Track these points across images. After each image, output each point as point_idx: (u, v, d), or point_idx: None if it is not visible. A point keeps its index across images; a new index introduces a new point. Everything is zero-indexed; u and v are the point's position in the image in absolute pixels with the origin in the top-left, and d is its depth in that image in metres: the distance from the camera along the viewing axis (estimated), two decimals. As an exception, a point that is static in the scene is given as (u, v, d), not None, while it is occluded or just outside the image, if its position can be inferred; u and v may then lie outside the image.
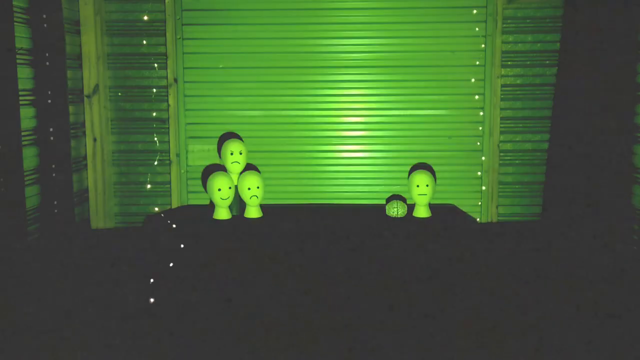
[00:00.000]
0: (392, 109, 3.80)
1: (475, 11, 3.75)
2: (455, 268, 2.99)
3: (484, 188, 3.85)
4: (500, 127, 3.80)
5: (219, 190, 3.15)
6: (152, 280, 3.06)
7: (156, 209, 3.85)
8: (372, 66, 3.77)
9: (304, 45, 3.78)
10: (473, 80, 3.80)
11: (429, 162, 3.82)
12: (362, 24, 3.75)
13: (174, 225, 3.25)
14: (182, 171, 3.88)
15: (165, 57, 3.75)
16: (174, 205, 3.86)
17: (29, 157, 3.19)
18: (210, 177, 3.27)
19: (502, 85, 3.77)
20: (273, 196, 3.87)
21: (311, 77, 3.81)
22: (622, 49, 2.80)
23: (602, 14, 2.88)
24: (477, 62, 3.79)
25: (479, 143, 3.83)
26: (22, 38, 3.11)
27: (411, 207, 3.43)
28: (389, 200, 3.55)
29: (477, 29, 3.76)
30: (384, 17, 3.73)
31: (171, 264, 3.07)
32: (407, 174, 3.82)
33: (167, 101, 3.79)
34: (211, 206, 3.43)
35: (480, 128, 3.82)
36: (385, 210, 3.36)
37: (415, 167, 3.79)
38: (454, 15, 3.75)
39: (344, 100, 3.80)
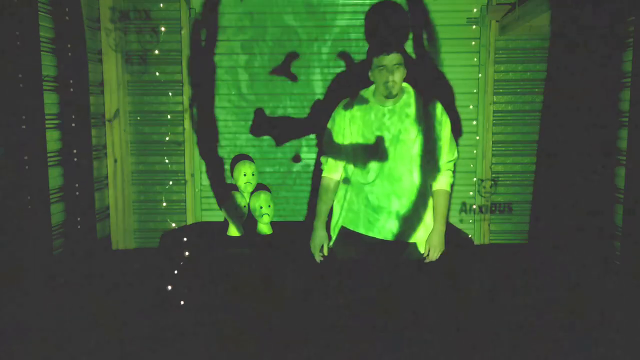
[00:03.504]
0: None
1: (473, 43, 3.93)
2: (448, 285, 3.08)
3: (474, 207, 4.05)
4: (492, 150, 3.99)
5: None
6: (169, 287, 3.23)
7: (173, 225, 3.99)
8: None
9: (312, 69, 3.96)
10: (471, 107, 3.98)
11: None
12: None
13: (185, 239, 3.42)
14: (197, 190, 4.05)
15: (181, 84, 3.96)
16: (189, 222, 4.03)
17: (55, 176, 3.31)
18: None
19: (495, 112, 3.96)
20: (282, 213, 4.05)
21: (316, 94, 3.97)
22: (606, 80, 2.95)
23: (588, 45, 3.05)
24: (475, 90, 3.97)
25: (472, 165, 4.01)
26: (48, 66, 3.24)
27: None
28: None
29: (475, 59, 3.94)
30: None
31: (175, 271, 3.20)
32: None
33: (183, 125, 3.98)
34: (225, 223, 3.64)
35: (475, 151, 4.00)
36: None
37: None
38: (455, 46, 3.93)
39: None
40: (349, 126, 2.76)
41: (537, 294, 3.32)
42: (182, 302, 3.16)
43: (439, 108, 2.73)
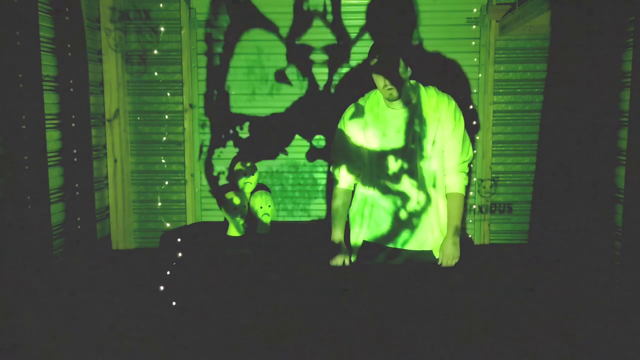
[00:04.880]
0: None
1: (473, 43, 3.94)
2: (448, 285, 3.12)
3: (474, 207, 4.07)
4: (492, 150, 4.01)
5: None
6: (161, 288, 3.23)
7: (168, 225, 4.02)
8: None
9: (313, 73, 3.97)
10: (471, 107, 3.98)
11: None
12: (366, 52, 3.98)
13: (179, 239, 3.42)
14: (197, 190, 4.07)
15: (181, 84, 3.97)
16: (189, 222, 4.05)
17: (55, 176, 3.32)
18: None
19: (494, 112, 3.97)
20: (281, 214, 4.05)
21: (318, 100, 3.98)
22: (606, 80, 2.96)
23: (588, 45, 3.06)
24: (475, 90, 3.99)
25: (472, 165, 4.02)
26: (48, 66, 3.24)
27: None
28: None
29: (475, 59, 3.95)
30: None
31: (168, 272, 3.21)
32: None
33: (183, 125, 4.00)
34: (225, 223, 3.66)
35: (475, 151, 4.01)
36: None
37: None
38: (455, 46, 3.95)
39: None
40: (362, 130, 2.64)
41: (537, 294, 3.33)
42: (174, 303, 3.15)
43: (453, 105, 2.59)
